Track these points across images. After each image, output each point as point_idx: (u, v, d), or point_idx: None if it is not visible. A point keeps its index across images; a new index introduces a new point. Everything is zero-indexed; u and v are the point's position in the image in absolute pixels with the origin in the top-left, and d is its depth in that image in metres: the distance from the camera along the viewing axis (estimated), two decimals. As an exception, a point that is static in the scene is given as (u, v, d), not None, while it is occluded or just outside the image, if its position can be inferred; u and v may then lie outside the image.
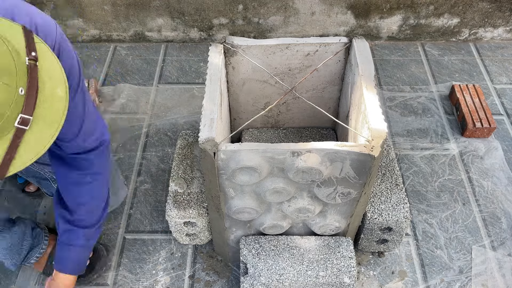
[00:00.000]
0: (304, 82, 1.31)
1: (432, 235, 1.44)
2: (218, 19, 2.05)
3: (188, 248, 1.41)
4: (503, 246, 1.41)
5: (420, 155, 1.66)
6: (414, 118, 1.79)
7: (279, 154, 0.95)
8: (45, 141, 0.77)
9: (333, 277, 1.15)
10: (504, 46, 2.12)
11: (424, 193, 1.55)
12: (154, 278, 1.34)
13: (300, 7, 2.00)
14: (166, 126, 1.78)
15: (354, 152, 0.94)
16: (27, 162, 0.76)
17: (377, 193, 1.27)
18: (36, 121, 0.74)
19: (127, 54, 2.10)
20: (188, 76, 1.99)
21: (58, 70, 0.80)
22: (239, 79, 1.30)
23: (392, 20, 2.06)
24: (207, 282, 1.33)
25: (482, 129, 1.68)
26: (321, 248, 1.20)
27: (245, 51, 1.21)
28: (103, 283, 1.34)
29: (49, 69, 0.78)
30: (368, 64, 1.11)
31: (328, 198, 1.08)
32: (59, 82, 0.79)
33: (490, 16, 2.05)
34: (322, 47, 1.22)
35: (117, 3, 2.00)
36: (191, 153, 1.39)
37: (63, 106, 0.79)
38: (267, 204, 1.12)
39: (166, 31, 2.11)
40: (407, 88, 1.92)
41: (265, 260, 1.18)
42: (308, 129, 1.50)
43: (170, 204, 1.27)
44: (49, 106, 0.77)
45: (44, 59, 0.78)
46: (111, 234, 1.45)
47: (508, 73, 1.99)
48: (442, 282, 1.33)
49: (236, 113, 1.43)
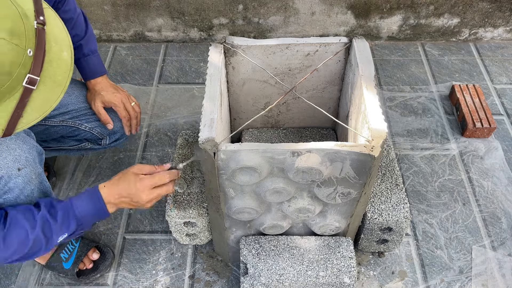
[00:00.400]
0: (304, 82, 1.31)
1: (432, 235, 1.44)
2: (218, 19, 2.05)
3: (188, 248, 1.41)
4: (503, 246, 1.41)
5: (420, 155, 1.66)
6: (414, 118, 1.79)
7: (279, 154, 0.95)
8: (51, 101, 0.82)
9: (333, 277, 1.15)
10: (504, 46, 2.12)
11: (424, 193, 1.55)
12: (154, 278, 1.34)
13: (300, 7, 2.00)
14: (166, 126, 1.78)
15: (354, 152, 0.94)
16: (33, 120, 0.81)
17: (377, 193, 1.27)
18: (43, 81, 0.79)
19: (127, 54, 2.10)
20: (188, 76, 1.99)
21: (64, 34, 0.85)
22: (239, 79, 1.30)
23: (392, 20, 2.06)
24: (207, 282, 1.33)
25: (482, 129, 1.68)
26: (321, 248, 1.20)
27: (245, 51, 1.21)
28: (103, 283, 1.33)
29: (55, 33, 0.83)
30: (368, 64, 1.11)
31: (328, 198, 1.08)
32: (65, 46, 0.84)
33: (490, 16, 2.05)
34: (322, 47, 1.22)
35: (117, 3, 2.00)
36: (191, 153, 1.39)
37: (68, 69, 0.83)
38: (267, 204, 1.12)
39: (166, 31, 2.11)
40: (407, 88, 1.92)
41: (265, 260, 1.18)
42: (308, 129, 1.50)
43: (170, 204, 1.27)
44: (55, 68, 0.81)
45: (52, 24, 0.82)
46: (111, 234, 1.45)
47: (508, 73, 1.99)
48: (442, 282, 1.33)
49: (236, 113, 1.43)
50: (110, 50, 2.11)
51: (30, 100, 0.78)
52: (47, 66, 0.79)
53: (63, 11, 1.18)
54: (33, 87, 0.77)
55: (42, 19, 0.79)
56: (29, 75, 0.76)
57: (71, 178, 1.59)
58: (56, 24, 0.84)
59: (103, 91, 1.26)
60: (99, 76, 1.28)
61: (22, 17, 0.75)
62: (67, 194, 1.54)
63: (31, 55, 0.75)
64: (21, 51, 0.74)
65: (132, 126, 1.34)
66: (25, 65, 0.75)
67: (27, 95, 0.77)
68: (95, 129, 1.31)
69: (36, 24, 0.78)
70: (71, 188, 1.56)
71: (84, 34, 1.25)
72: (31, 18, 0.78)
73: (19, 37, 0.74)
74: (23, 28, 0.74)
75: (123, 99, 1.28)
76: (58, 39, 0.82)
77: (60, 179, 1.59)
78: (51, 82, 0.80)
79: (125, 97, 1.29)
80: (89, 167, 1.63)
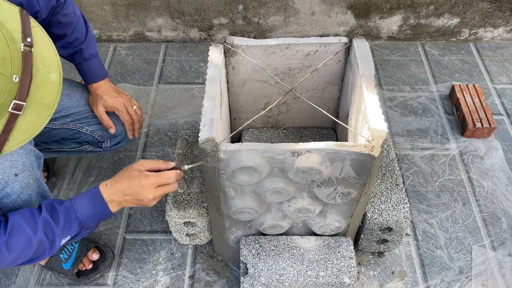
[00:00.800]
0: (304, 82, 1.31)
1: (432, 235, 1.44)
2: (218, 19, 2.05)
3: (188, 248, 1.41)
4: (503, 246, 1.41)
5: (420, 155, 1.66)
6: (414, 118, 1.79)
7: (279, 154, 0.95)
8: (38, 124, 0.80)
9: (333, 277, 1.15)
10: (504, 46, 2.12)
11: (424, 193, 1.55)
12: (154, 278, 1.34)
13: (300, 7, 2.00)
14: (166, 126, 1.78)
15: (354, 152, 0.94)
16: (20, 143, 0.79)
17: (377, 193, 1.27)
18: (29, 105, 0.77)
19: (127, 54, 2.10)
20: (188, 76, 1.99)
21: (53, 54, 0.82)
22: (239, 79, 1.30)
23: (392, 20, 2.06)
24: (207, 282, 1.33)
25: (482, 129, 1.68)
26: (321, 248, 1.20)
27: (245, 51, 1.21)
28: (103, 283, 1.33)
29: (43, 54, 0.80)
30: (368, 64, 1.11)
31: (328, 198, 1.08)
32: (53, 68, 0.81)
33: (490, 16, 2.05)
34: (322, 47, 1.22)
35: (117, 3, 2.00)
36: (191, 153, 1.39)
37: (56, 91, 0.80)
38: (267, 204, 1.12)
39: (166, 31, 2.11)
40: (407, 88, 1.92)
41: (265, 260, 1.18)
42: (308, 129, 1.50)
43: (170, 204, 1.27)
44: (43, 92, 0.79)
45: (39, 44, 0.80)
46: (111, 234, 1.45)
47: (508, 73, 1.99)
48: (442, 282, 1.33)
49: (236, 113, 1.43)
50: (110, 50, 2.11)
51: (16, 124, 0.76)
52: (34, 90, 0.76)
53: (62, 15, 1.17)
54: (19, 112, 0.75)
55: (29, 40, 0.76)
56: (14, 101, 0.73)
57: (71, 178, 1.59)
58: (44, 43, 0.81)
59: (105, 95, 1.26)
60: (100, 79, 1.28)
61: (9, 42, 0.72)
62: (67, 194, 1.54)
63: (17, 81, 0.73)
64: (6, 79, 0.71)
65: (134, 129, 1.34)
66: (10, 92, 0.72)
67: (13, 121, 0.75)
68: (96, 132, 1.31)
69: (23, 47, 0.75)
70: (71, 188, 1.56)
71: (85, 38, 1.24)
72: (18, 41, 0.75)
73: (4, 64, 0.71)
74: (8, 54, 0.72)
75: (125, 103, 1.28)
76: (46, 60, 0.80)
77: (60, 179, 1.59)
78: (38, 105, 0.78)
79: (127, 101, 1.29)
80: (89, 167, 1.63)
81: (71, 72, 1.97)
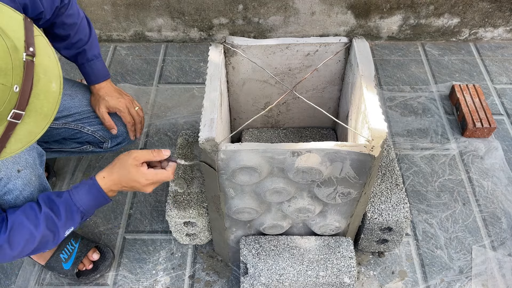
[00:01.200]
0: (304, 82, 1.31)
1: (432, 235, 1.44)
2: (218, 19, 2.05)
3: (188, 248, 1.41)
4: (503, 246, 1.41)
5: (420, 155, 1.66)
6: (414, 118, 1.79)
7: (279, 154, 0.95)
8: (36, 132, 0.80)
9: (333, 277, 1.15)
10: (504, 46, 2.12)
11: (424, 193, 1.55)
12: (154, 278, 1.34)
13: (300, 7, 2.00)
14: (166, 126, 1.78)
15: (354, 152, 0.94)
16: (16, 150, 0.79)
17: (377, 193, 1.27)
18: (29, 114, 0.77)
19: (127, 54, 2.10)
20: (188, 76, 1.99)
21: (55, 64, 0.82)
22: (239, 79, 1.30)
23: (392, 20, 2.06)
24: (207, 282, 1.33)
25: (482, 129, 1.68)
26: (321, 248, 1.20)
27: (245, 51, 1.21)
28: (103, 283, 1.33)
29: (45, 64, 0.80)
30: (368, 64, 1.11)
31: (328, 198, 1.08)
32: (54, 77, 0.81)
33: (490, 16, 2.05)
34: (322, 47, 1.22)
35: (117, 3, 2.00)
36: (191, 153, 1.39)
37: (55, 101, 0.81)
38: (267, 204, 1.12)
39: (166, 31, 2.11)
40: (407, 88, 1.92)
41: (265, 260, 1.18)
42: (308, 129, 1.50)
43: (170, 204, 1.27)
44: (42, 101, 0.79)
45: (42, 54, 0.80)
46: (111, 234, 1.45)
47: (508, 73, 1.99)
48: (442, 282, 1.33)
49: (236, 113, 1.43)
50: (110, 50, 2.11)
51: (14, 132, 0.77)
52: (34, 99, 0.77)
53: (66, 16, 1.17)
54: (18, 121, 0.75)
55: (32, 50, 0.77)
56: (14, 111, 0.74)
57: (71, 178, 1.59)
58: (46, 53, 0.81)
59: (107, 96, 1.27)
60: (103, 80, 1.28)
61: (11, 51, 0.72)
62: (67, 194, 1.54)
63: (17, 91, 0.73)
64: (7, 89, 0.72)
65: (136, 130, 1.35)
66: (10, 101, 0.73)
67: (11, 129, 0.76)
68: (97, 133, 1.32)
69: (25, 56, 0.75)
70: (71, 188, 1.56)
71: (88, 39, 1.24)
72: (20, 50, 0.75)
73: (6, 75, 0.71)
74: (10, 65, 0.72)
75: (127, 104, 1.29)
76: (47, 70, 0.80)
77: (60, 179, 1.59)
78: (36, 114, 0.78)
79: (129, 102, 1.30)
80: (89, 167, 1.63)
81: (72, 72, 1.97)
